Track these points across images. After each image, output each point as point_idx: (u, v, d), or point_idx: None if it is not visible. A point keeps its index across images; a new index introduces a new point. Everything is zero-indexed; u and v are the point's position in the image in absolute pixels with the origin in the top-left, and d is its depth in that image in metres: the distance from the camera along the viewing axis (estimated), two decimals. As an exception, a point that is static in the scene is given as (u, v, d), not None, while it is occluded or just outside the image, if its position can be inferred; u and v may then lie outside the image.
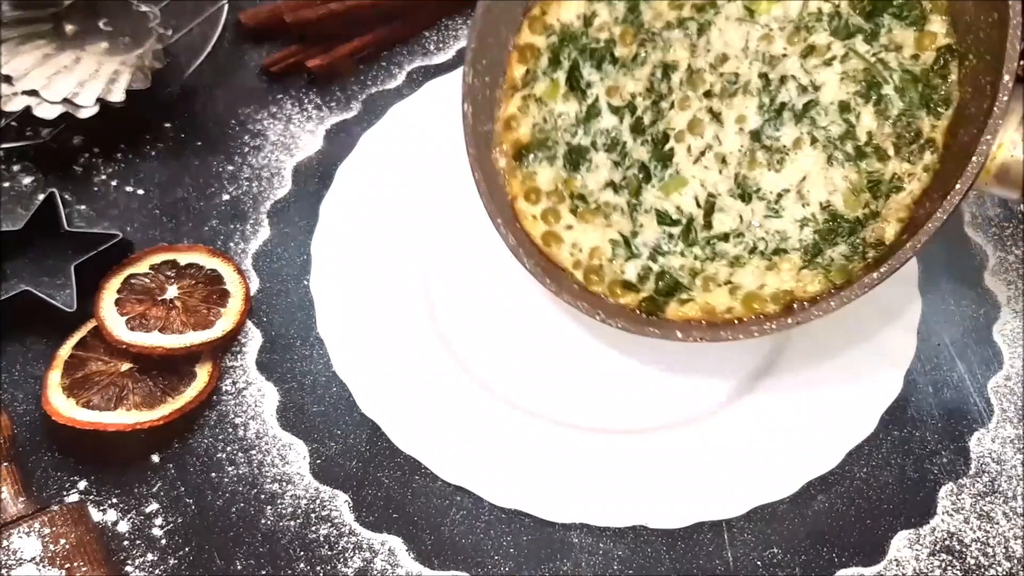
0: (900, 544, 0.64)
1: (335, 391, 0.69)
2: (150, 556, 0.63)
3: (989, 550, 0.64)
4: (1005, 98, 0.54)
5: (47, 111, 0.74)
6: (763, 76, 0.61)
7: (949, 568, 0.63)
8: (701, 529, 0.64)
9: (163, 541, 0.64)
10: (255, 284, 0.73)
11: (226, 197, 0.77)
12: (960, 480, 0.66)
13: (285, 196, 0.77)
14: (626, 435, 0.67)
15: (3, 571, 0.59)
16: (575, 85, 0.63)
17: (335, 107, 0.81)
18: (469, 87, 0.65)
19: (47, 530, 0.60)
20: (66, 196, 0.75)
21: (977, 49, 0.57)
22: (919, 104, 0.59)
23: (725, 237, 0.61)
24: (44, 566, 0.59)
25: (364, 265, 0.72)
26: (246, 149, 0.79)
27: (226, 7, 0.82)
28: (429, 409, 0.67)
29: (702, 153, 0.61)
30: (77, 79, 0.75)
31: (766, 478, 0.65)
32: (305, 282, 0.73)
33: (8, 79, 0.74)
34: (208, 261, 0.72)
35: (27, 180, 0.77)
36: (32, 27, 0.77)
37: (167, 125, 0.80)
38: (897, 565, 0.63)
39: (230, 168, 0.78)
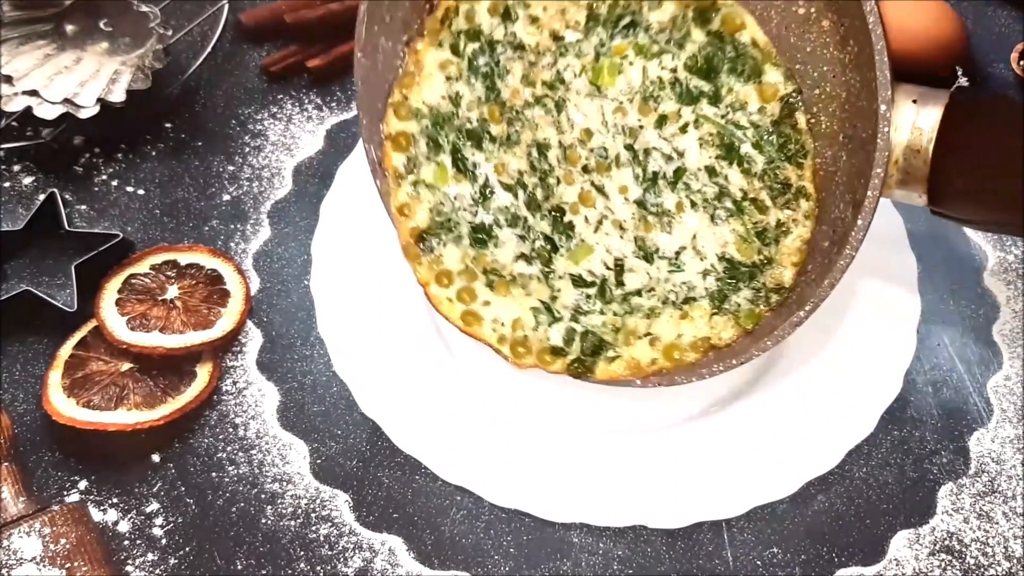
0: (900, 544, 0.64)
1: (335, 391, 0.69)
2: (150, 556, 0.63)
3: (989, 550, 0.64)
4: (884, 108, 0.54)
5: (48, 111, 0.74)
6: (629, 148, 0.62)
7: (949, 568, 0.63)
8: (701, 529, 0.64)
9: (163, 541, 0.64)
10: (255, 284, 0.73)
11: (226, 197, 0.77)
12: (960, 480, 0.66)
13: (286, 196, 0.77)
14: (626, 435, 0.67)
15: (3, 571, 0.59)
16: (462, 167, 0.62)
17: (335, 107, 0.81)
18: (375, 163, 0.63)
19: (47, 530, 0.60)
20: (67, 196, 0.75)
21: (857, 38, 0.57)
22: (780, 157, 0.61)
23: (638, 293, 0.62)
24: (44, 566, 0.59)
25: (364, 265, 0.72)
26: (246, 149, 0.79)
27: (226, 7, 0.82)
28: (429, 409, 0.67)
29: (599, 222, 0.62)
30: (78, 79, 0.75)
31: (766, 478, 0.65)
32: (305, 282, 0.73)
33: (9, 79, 0.74)
34: (209, 261, 0.72)
35: (28, 180, 0.77)
36: (33, 27, 0.77)
37: (167, 125, 0.80)
38: (897, 565, 0.64)
39: (230, 168, 0.78)
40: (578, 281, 0.62)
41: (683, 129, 0.62)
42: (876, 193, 0.55)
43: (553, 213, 0.62)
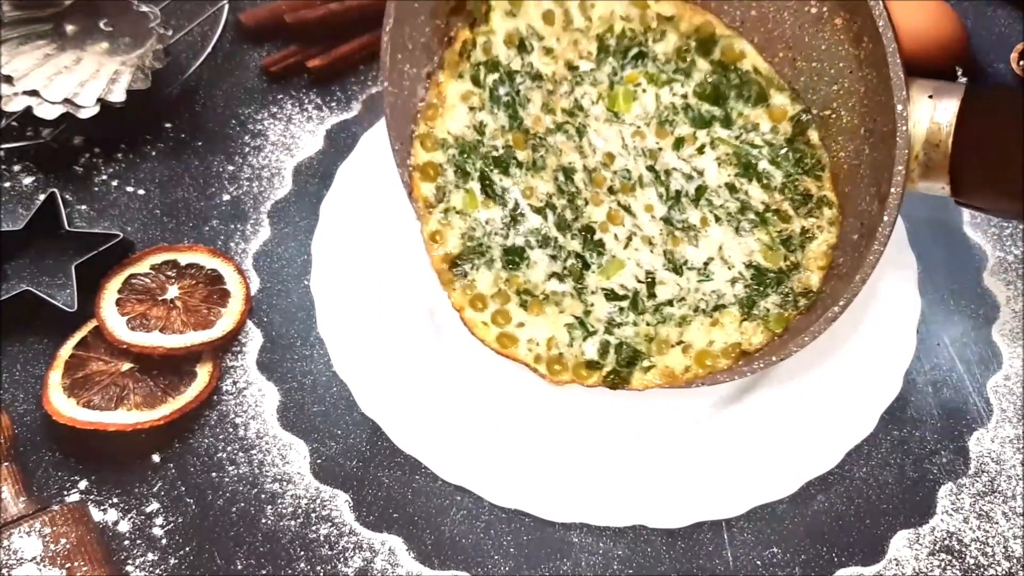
0: (899, 544, 0.64)
1: (335, 391, 0.69)
2: (151, 556, 0.63)
3: (988, 550, 0.64)
4: (901, 108, 0.54)
5: (48, 111, 0.74)
6: (651, 169, 0.63)
7: (948, 568, 0.63)
8: (701, 529, 0.64)
9: (164, 541, 0.64)
10: (255, 284, 0.73)
11: (226, 197, 0.77)
12: (959, 480, 0.66)
13: (285, 196, 0.77)
14: (626, 435, 0.67)
15: (4, 571, 0.59)
16: (491, 193, 0.64)
17: (335, 107, 0.81)
18: (410, 188, 0.64)
19: (48, 530, 0.60)
20: (67, 196, 0.75)
21: (870, 35, 0.58)
22: (798, 171, 0.62)
23: (670, 303, 0.63)
24: (45, 566, 0.59)
25: (364, 265, 0.72)
26: (246, 149, 0.79)
27: (226, 7, 0.82)
28: (429, 409, 0.67)
29: (629, 239, 0.63)
30: (78, 79, 0.75)
31: (766, 478, 0.65)
32: (305, 282, 0.73)
33: (9, 79, 0.74)
34: (209, 261, 0.72)
35: (28, 180, 0.77)
36: (33, 27, 0.77)
37: (167, 125, 0.80)
38: (896, 565, 0.64)
39: (230, 168, 0.78)
40: (611, 295, 0.63)
41: (700, 150, 0.63)
42: (899, 189, 0.56)
43: (583, 232, 0.63)
